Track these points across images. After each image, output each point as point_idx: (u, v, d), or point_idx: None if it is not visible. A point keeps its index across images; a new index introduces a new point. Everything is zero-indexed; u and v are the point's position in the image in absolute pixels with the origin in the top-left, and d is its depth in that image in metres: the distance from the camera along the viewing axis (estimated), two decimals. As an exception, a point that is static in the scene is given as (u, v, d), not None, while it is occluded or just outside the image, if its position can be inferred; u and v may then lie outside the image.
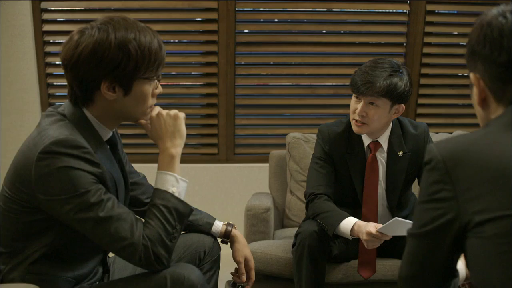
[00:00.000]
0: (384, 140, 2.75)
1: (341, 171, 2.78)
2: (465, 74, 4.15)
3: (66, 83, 1.83)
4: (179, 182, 1.86)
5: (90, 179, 1.72)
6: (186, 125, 1.94)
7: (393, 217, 2.76)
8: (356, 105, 2.63)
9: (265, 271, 2.84)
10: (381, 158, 2.76)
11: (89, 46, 1.73)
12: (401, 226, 2.35)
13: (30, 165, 1.71)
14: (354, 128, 2.67)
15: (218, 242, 2.28)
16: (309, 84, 4.17)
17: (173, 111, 1.92)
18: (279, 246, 2.90)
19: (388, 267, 2.80)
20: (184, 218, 1.85)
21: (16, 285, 1.70)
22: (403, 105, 2.64)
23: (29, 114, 3.95)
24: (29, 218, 1.78)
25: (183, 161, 1.96)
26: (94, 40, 1.73)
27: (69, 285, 1.86)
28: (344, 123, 2.80)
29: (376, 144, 2.74)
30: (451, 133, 3.73)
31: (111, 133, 1.92)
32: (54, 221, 1.78)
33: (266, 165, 4.01)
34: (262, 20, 4.07)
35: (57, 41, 3.93)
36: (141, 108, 1.85)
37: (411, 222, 2.41)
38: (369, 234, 2.43)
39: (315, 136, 3.46)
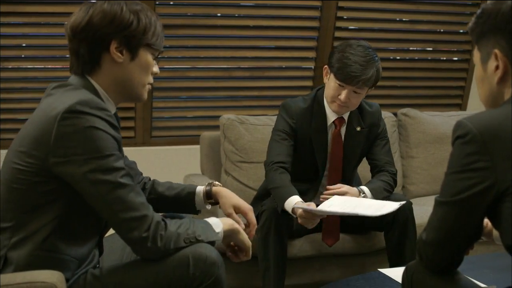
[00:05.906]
0: (345, 117, 2.91)
1: (303, 146, 2.89)
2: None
3: None
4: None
5: (113, 144, 1.73)
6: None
7: None
8: (338, 91, 2.76)
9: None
10: (341, 133, 2.92)
11: (101, 8, 1.82)
12: (347, 203, 2.49)
13: (50, 126, 1.68)
14: (335, 108, 2.82)
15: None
16: (225, 66, 4.22)
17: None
18: (236, 225, 2.94)
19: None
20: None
21: (40, 272, 1.63)
22: None
23: None
24: (38, 189, 1.73)
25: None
26: (106, 5, 1.83)
27: (74, 266, 1.81)
28: (308, 99, 2.91)
29: (341, 120, 2.90)
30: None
31: (115, 109, 1.93)
32: (62, 192, 1.73)
33: (185, 147, 4.06)
34: (172, 3, 4.01)
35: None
36: (142, 79, 1.92)
37: (364, 199, 2.55)
38: (300, 214, 2.55)
39: (248, 117, 3.55)
